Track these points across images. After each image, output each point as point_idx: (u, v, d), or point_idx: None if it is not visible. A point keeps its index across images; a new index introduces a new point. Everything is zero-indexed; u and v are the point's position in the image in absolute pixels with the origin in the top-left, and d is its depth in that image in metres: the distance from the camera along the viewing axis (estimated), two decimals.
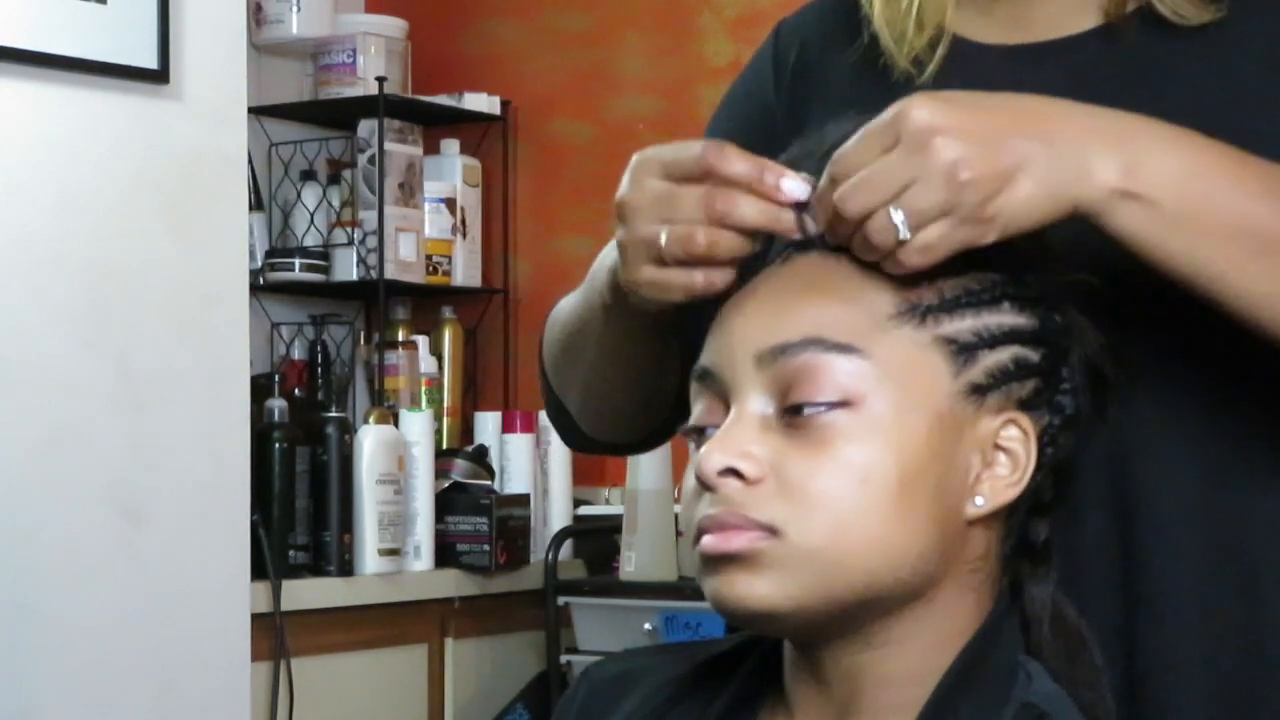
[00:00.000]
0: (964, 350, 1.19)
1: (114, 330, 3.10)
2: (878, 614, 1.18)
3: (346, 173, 4.17)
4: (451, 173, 4.30)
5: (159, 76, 3.14)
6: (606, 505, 4.19)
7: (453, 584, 3.86)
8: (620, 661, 1.35)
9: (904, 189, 1.16)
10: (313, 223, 4.15)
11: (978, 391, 1.19)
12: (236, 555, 3.27)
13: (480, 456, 4.02)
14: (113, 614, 3.08)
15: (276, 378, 3.84)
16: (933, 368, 1.18)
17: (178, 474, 3.17)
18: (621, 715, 1.29)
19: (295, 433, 3.65)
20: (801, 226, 1.21)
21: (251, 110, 3.57)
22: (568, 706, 1.33)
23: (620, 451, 1.58)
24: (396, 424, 3.83)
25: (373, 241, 4.07)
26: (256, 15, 4.11)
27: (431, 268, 4.22)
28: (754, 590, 1.16)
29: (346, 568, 3.69)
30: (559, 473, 4.14)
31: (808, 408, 1.17)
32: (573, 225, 4.30)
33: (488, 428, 4.15)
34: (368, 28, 4.24)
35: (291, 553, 3.60)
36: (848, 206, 1.17)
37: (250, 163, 3.50)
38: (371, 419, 3.77)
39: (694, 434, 1.22)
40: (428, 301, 4.31)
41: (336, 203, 4.15)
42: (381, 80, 4.07)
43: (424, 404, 4.07)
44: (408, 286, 4.18)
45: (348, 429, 3.72)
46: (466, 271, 4.32)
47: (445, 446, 4.13)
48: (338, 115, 4.19)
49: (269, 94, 4.18)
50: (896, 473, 1.16)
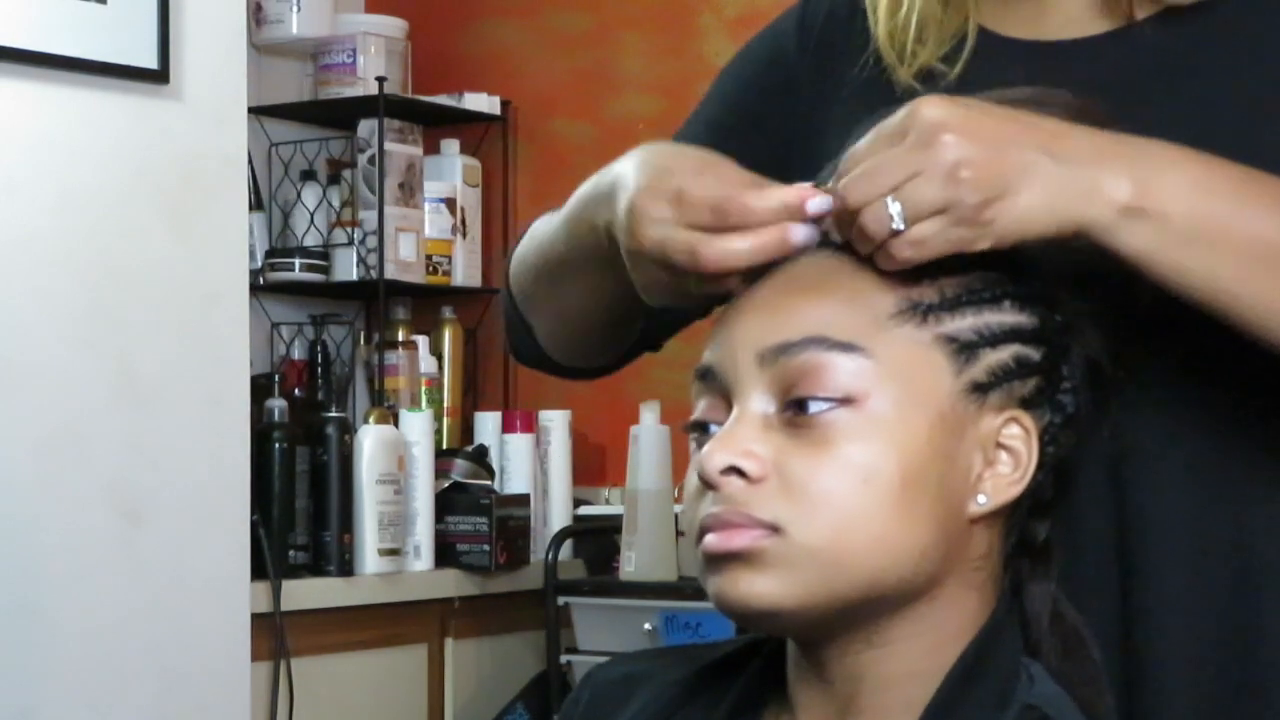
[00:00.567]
0: (965, 349, 1.19)
1: (114, 330, 3.10)
2: (880, 612, 1.18)
3: (346, 173, 4.17)
4: (451, 173, 4.30)
5: (159, 76, 3.14)
6: (606, 505, 4.19)
7: (453, 584, 3.86)
8: (624, 664, 1.35)
9: (905, 181, 1.16)
10: (313, 223, 4.15)
11: (979, 390, 1.19)
12: (236, 555, 3.27)
13: (480, 456, 4.02)
14: (113, 614, 3.08)
15: (276, 378, 3.84)
16: (934, 366, 1.19)
17: (178, 474, 3.17)
18: (626, 718, 1.29)
19: (295, 433, 3.64)
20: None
21: (251, 110, 3.57)
22: (571, 709, 1.33)
23: (572, 375, 1.57)
24: (396, 424, 3.82)
25: (373, 241, 4.07)
26: (256, 15, 4.11)
27: (431, 268, 4.22)
28: (756, 589, 1.16)
29: (346, 568, 3.68)
30: (559, 473, 4.14)
31: (810, 406, 1.17)
32: None
33: (488, 428, 4.15)
34: (368, 28, 4.24)
35: (291, 553, 3.59)
36: (850, 195, 1.18)
37: (250, 163, 3.50)
38: (371, 419, 3.77)
39: (696, 431, 1.23)
40: (428, 301, 4.31)
41: (336, 203, 4.15)
42: (381, 80, 4.07)
43: (424, 404, 4.07)
44: (408, 286, 4.18)
45: (348, 429, 3.71)
46: (466, 271, 4.32)
47: (445, 446, 4.13)
48: (338, 115, 4.19)
49: (269, 94, 4.18)
50: (899, 471, 1.16)
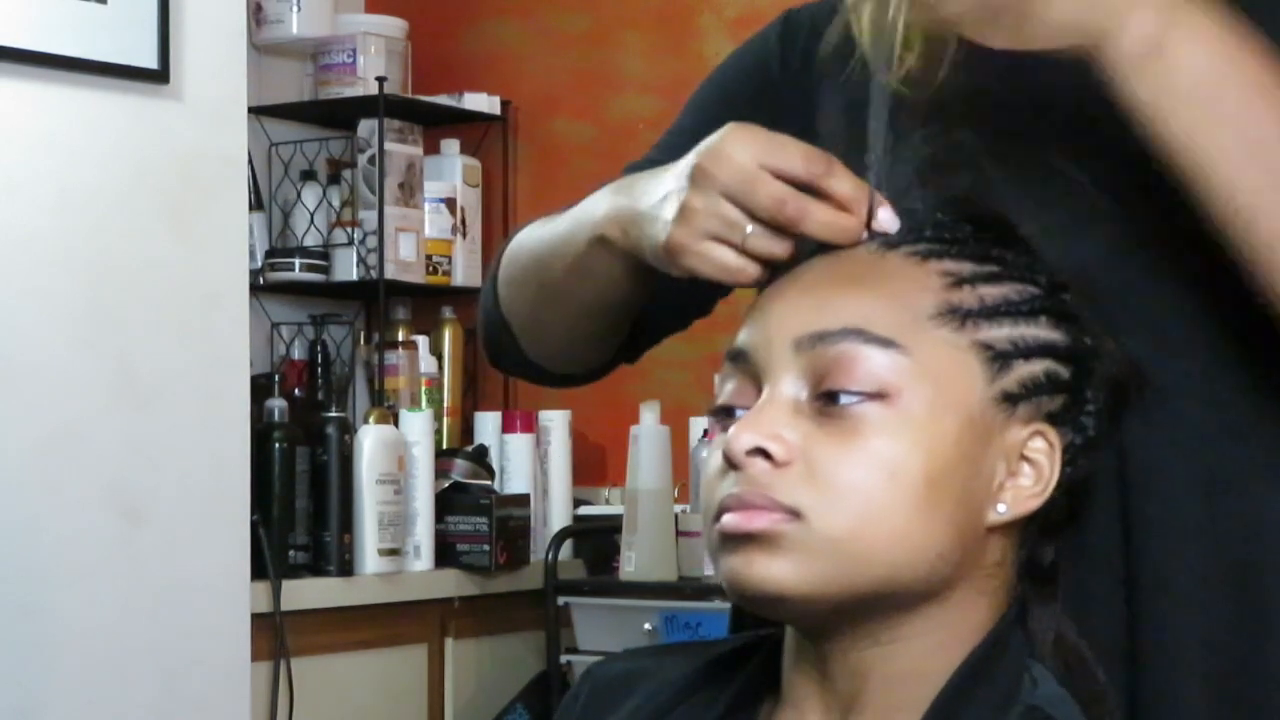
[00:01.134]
0: (1000, 358, 1.20)
1: (114, 330, 3.10)
2: (891, 610, 1.18)
3: (346, 173, 4.17)
4: (451, 173, 4.30)
5: (159, 76, 3.14)
6: (606, 505, 4.19)
7: (453, 584, 3.86)
8: (623, 661, 1.35)
9: None
10: (313, 223, 4.15)
11: (1010, 400, 1.20)
12: (236, 555, 3.27)
13: (480, 456, 4.02)
14: (113, 614, 3.08)
15: (276, 378, 3.84)
16: (968, 371, 1.19)
17: (178, 474, 3.17)
18: (624, 715, 1.29)
19: (295, 433, 3.64)
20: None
21: (251, 110, 3.57)
22: (570, 706, 1.33)
23: (550, 382, 1.56)
24: (396, 424, 3.83)
25: (373, 241, 4.07)
26: (256, 15, 4.11)
27: (431, 268, 4.22)
28: (771, 572, 1.16)
29: (346, 568, 3.68)
30: (559, 473, 4.14)
31: (843, 396, 1.17)
32: None
33: (488, 428, 4.15)
34: (368, 28, 4.24)
35: (291, 553, 3.59)
36: None
37: (250, 163, 3.50)
38: (371, 419, 3.77)
39: (721, 415, 1.22)
40: (428, 301, 4.31)
41: (336, 203, 4.15)
42: (381, 80, 4.07)
43: (424, 404, 4.07)
44: (408, 286, 4.18)
45: (348, 429, 3.72)
46: (466, 271, 4.32)
47: (445, 446, 4.13)
48: (338, 115, 4.19)
49: (269, 94, 4.18)
50: (924, 470, 1.16)
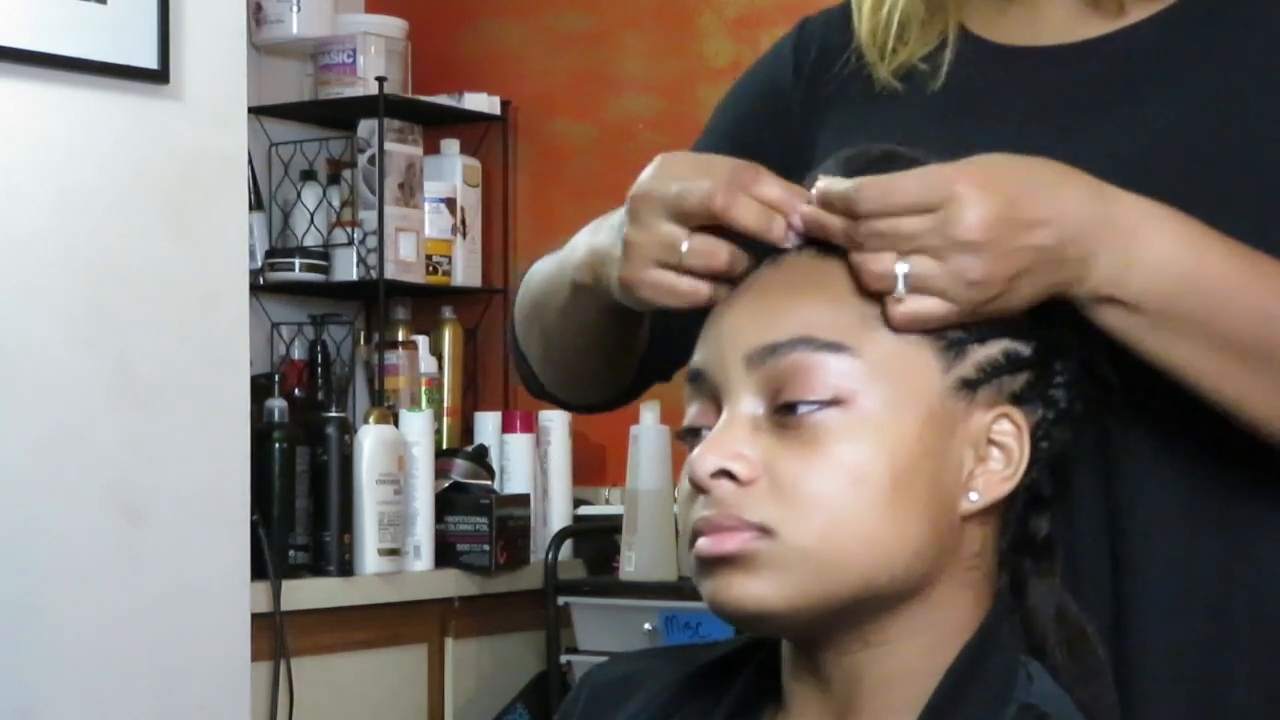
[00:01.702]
0: (953, 345, 1.19)
1: (114, 330, 3.10)
2: (874, 612, 1.18)
3: (346, 173, 4.17)
4: (451, 173, 4.30)
5: (159, 76, 3.14)
6: (606, 505, 4.19)
7: (453, 584, 3.86)
8: (622, 664, 1.35)
9: (920, 252, 1.17)
10: (313, 223, 4.15)
11: (968, 386, 1.19)
12: (236, 555, 3.27)
13: (480, 456, 4.02)
14: (113, 614, 3.08)
15: (276, 378, 3.84)
16: (923, 364, 1.19)
17: (178, 474, 3.17)
18: (623, 718, 1.29)
19: (295, 433, 3.64)
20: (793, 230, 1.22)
21: (251, 110, 3.57)
22: (569, 709, 1.33)
23: (577, 410, 1.59)
24: (396, 424, 3.82)
25: (373, 241, 4.07)
26: (256, 15, 4.11)
27: (431, 268, 4.22)
28: (750, 591, 1.16)
29: (346, 568, 3.68)
30: (559, 473, 4.13)
31: (800, 407, 1.17)
32: (573, 225, 4.23)
33: (488, 428, 4.15)
34: (368, 28, 4.24)
35: (291, 553, 3.59)
36: (866, 244, 1.18)
37: (250, 163, 3.50)
38: (371, 419, 3.77)
39: (689, 436, 1.23)
40: (428, 301, 4.31)
41: (336, 203, 4.15)
42: (381, 80, 4.07)
43: (424, 404, 4.07)
44: (408, 286, 4.18)
45: (348, 429, 3.72)
46: (466, 271, 4.32)
47: (445, 446, 4.13)
48: (338, 115, 4.19)
49: (269, 94, 4.18)
50: (889, 471, 1.16)
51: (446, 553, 3.87)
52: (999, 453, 1.20)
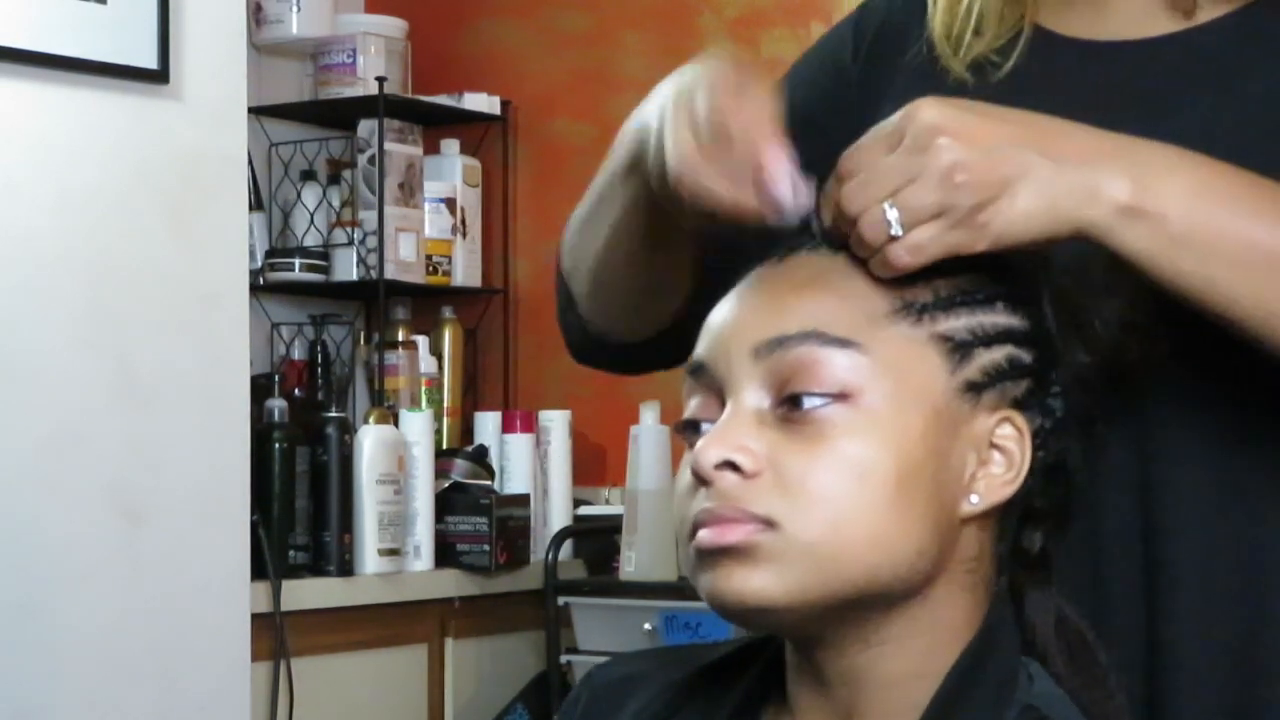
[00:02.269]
0: (960, 348, 1.19)
1: (114, 330, 3.10)
2: (873, 611, 1.18)
3: (346, 173, 4.17)
4: (451, 173, 4.30)
5: (159, 76, 3.14)
6: (606, 505, 4.19)
7: (453, 584, 3.86)
8: (623, 665, 1.35)
9: (902, 187, 1.16)
10: (313, 223, 4.15)
11: (973, 389, 1.19)
12: (236, 555, 3.27)
13: (480, 456, 4.02)
14: (113, 614, 3.08)
15: (276, 378, 3.84)
16: (929, 364, 1.19)
17: (178, 474, 3.17)
18: (624, 719, 1.29)
19: (295, 433, 3.64)
20: (809, 224, 1.22)
21: (251, 110, 3.57)
22: (570, 710, 1.33)
23: (619, 360, 1.54)
24: (396, 424, 3.83)
25: (373, 241, 4.07)
26: (256, 15, 4.11)
27: (431, 268, 4.22)
28: (750, 584, 1.16)
29: (346, 568, 3.68)
30: (559, 473, 4.13)
31: (805, 400, 1.17)
32: None
33: (488, 428, 4.15)
34: (368, 28, 4.24)
35: (291, 553, 3.60)
36: (848, 204, 1.18)
37: (250, 163, 3.50)
38: (371, 419, 3.77)
39: (688, 430, 1.22)
40: (428, 301, 4.31)
41: (336, 203, 4.15)
42: (381, 80, 4.07)
43: (424, 404, 4.07)
44: (408, 286, 4.18)
45: (348, 429, 3.72)
46: (466, 271, 4.32)
47: (445, 446, 4.13)
48: (338, 115, 4.19)
49: (269, 94, 4.18)
50: (894, 468, 1.16)
51: (446, 553, 3.87)
52: (1000, 456, 1.20)
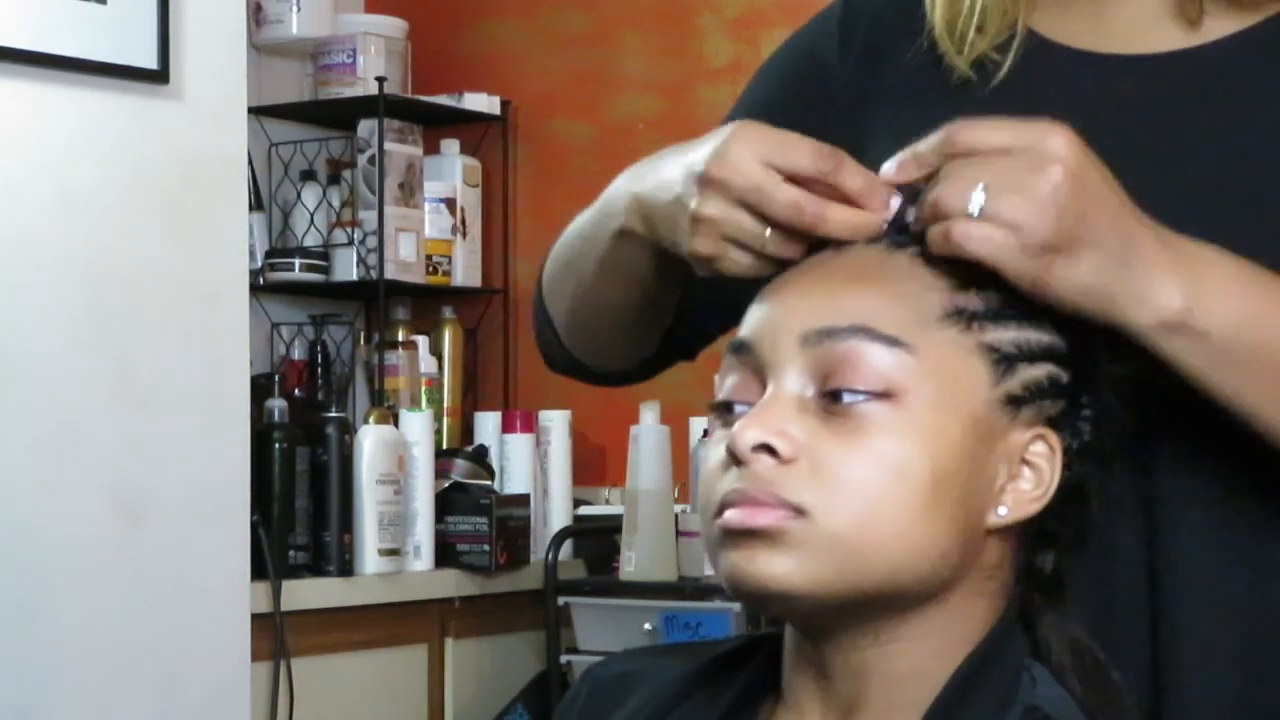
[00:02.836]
0: (1005, 360, 1.19)
1: (114, 330, 3.10)
2: (892, 610, 1.18)
3: (346, 173, 4.17)
4: (451, 173, 4.30)
5: (159, 77, 3.14)
6: (606, 505, 4.20)
7: (453, 584, 3.86)
8: (622, 662, 1.35)
9: (1000, 185, 1.16)
10: (313, 223, 4.16)
11: (1014, 403, 1.19)
12: (236, 555, 3.27)
13: (480, 456, 4.02)
14: (113, 614, 3.08)
15: (276, 378, 3.84)
16: (974, 373, 1.19)
17: (178, 474, 3.17)
18: (623, 716, 1.28)
19: (295, 433, 3.64)
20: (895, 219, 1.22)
21: (251, 110, 3.57)
22: (569, 707, 1.32)
23: (595, 379, 1.55)
24: (396, 424, 3.83)
25: (373, 241, 4.07)
26: (256, 15, 4.11)
27: (431, 268, 4.22)
28: (774, 568, 1.16)
29: (346, 568, 3.68)
30: (559, 473, 4.14)
31: (848, 394, 1.17)
32: None
33: (488, 428, 4.15)
34: (368, 28, 4.24)
35: (291, 553, 3.60)
36: (953, 176, 1.17)
37: (250, 163, 3.50)
38: (371, 419, 3.77)
39: (722, 410, 1.21)
40: (428, 301, 4.31)
41: (336, 203, 4.16)
42: (381, 80, 4.07)
43: (424, 404, 4.07)
44: (408, 286, 4.18)
45: (348, 429, 3.72)
46: (466, 271, 4.32)
47: (445, 446, 4.13)
48: (338, 115, 4.19)
49: (269, 94, 4.18)
50: (929, 471, 1.16)
51: (446, 553, 3.87)
52: (1030, 472, 1.20)
